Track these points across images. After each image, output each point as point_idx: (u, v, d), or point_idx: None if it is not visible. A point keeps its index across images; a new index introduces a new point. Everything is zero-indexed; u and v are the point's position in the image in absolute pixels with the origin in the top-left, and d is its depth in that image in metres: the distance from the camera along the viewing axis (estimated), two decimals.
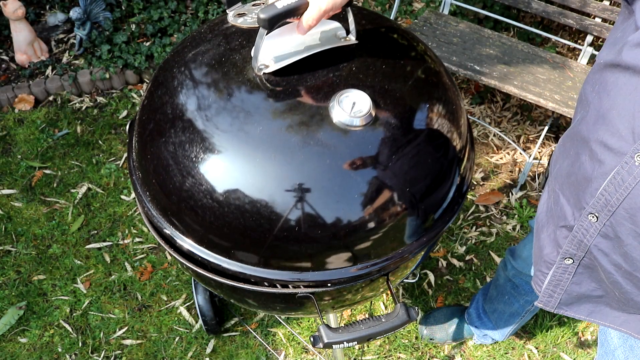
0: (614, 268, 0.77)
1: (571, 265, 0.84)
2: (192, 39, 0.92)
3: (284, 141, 0.77)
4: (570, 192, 0.80)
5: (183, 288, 1.83)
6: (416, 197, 0.83)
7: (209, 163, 0.78)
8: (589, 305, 0.89)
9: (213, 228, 0.82)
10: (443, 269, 1.89)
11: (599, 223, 0.74)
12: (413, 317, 0.85)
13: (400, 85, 0.85)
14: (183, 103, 0.84)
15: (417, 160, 0.82)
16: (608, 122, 0.70)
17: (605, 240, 0.75)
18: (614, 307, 0.87)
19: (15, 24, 2.40)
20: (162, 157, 0.84)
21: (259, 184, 0.77)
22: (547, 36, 2.25)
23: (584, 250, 0.80)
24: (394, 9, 2.28)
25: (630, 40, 0.68)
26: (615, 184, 0.70)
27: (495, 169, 2.20)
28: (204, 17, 2.62)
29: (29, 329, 1.74)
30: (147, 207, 0.90)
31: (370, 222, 0.80)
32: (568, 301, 0.90)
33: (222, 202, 0.78)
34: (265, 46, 0.81)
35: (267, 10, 0.75)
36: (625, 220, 0.71)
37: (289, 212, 0.77)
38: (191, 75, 0.86)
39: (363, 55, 0.86)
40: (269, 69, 0.81)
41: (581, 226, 0.78)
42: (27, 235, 1.96)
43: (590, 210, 0.75)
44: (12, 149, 2.24)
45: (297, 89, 0.81)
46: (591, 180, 0.74)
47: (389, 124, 0.80)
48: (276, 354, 1.68)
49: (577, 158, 0.78)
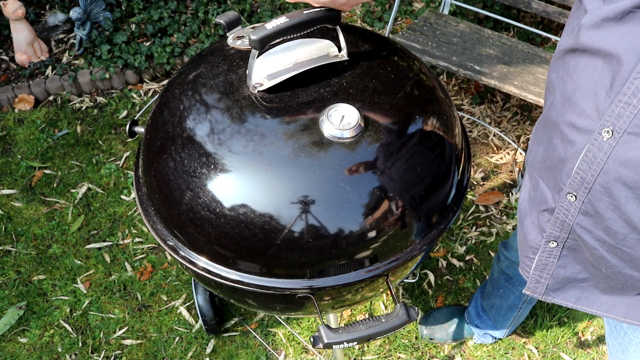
0: (598, 244, 0.79)
1: (555, 248, 0.86)
2: (194, 62, 0.97)
3: (278, 155, 0.80)
4: (548, 176, 0.82)
5: (183, 288, 1.83)
6: (408, 205, 0.85)
7: (213, 179, 0.82)
8: (575, 291, 0.91)
9: (216, 239, 0.84)
10: (443, 269, 1.89)
11: (578, 201, 0.77)
12: (413, 317, 0.85)
13: (389, 98, 0.88)
14: (184, 122, 0.88)
15: (408, 168, 0.85)
16: (574, 104, 0.73)
17: (586, 217, 0.78)
18: (601, 288, 0.88)
19: (15, 24, 2.40)
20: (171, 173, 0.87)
21: (255, 197, 0.80)
22: (547, 36, 2.25)
23: (567, 231, 0.82)
24: (394, 9, 2.28)
25: (583, 23, 0.71)
26: (587, 162, 0.72)
27: (495, 169, 2.21)
28: (204, 17, 2.62)
29: (29, 329, 1.74)
30: (151, 219, 0.91)
31: (363, 230, 0.82)
32: (555, 286, 0.92)
33: (220, 215, 0.82)
34: (258, 65, 0.85)
35: (258, 32, 0.80)
36: (602, 195, 0.73)
37: (282, 223, 0.80)
38: (192, 96, 0.90)
39: (354, 71, 0.90)
40: (262, 87, 0.85)
41: (562, 207, 0.80)
42: (27, 235, 1.96)
43: (568, 190, 0.77)
44: (12, 149, 2.24)
45: (290, 105, 0.85)
46: (565, 161, 0.76)
47: (377, 136, 0.83)
48: (276, 354, 1.68)
49: (549, 143, 0.81)
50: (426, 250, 0.93)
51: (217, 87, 0.89)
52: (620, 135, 0.68)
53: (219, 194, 0.81)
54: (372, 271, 0.87)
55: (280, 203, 0.80)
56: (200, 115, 0.87)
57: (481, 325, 1.63)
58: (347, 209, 0.81)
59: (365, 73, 0.90)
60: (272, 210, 0.80)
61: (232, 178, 0.81)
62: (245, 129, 0.83)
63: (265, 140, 0.81)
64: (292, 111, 0.84)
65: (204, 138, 0.84)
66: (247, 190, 0.81)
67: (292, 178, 0.80)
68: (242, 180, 0.81)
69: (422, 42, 2.09)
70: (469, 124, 2.38)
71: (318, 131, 0.81)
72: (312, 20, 0.84)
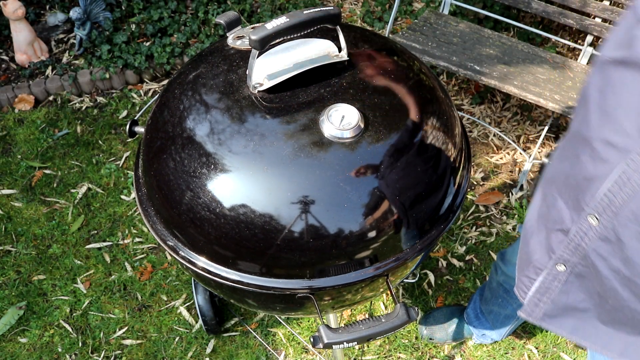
0: (612, 274, 0.74)
1: (563, 273, 0.81)
2: (194, 62, 0.97)
3: (278, 155, 0.80)
4: (569, 194, 0.77)
5: (183, 288, 1.83)
6: (408, 205, 0.85)
7: (212, 179, 0.82)
8: (573, 320, 0.86)
9: (216, 239, 0.84)
10: (443, 269, 1.89)
11: (600, 225, 0.72)
12: (413, 317, 0.85)
13: (389, 99, 0.88)
14: (184, 122, 0.88)
15: (408, 169, 0.84)
16: (613, 120, 0.68)
17: (605, 243, 0.73)
18: (602, 320, 0.83)
19: (15, 24, 2.40)
20: (169, 173, 0.87)
21: (254, 197, 0.80)
22: (547, 36, 2.24)
23: (580, 256, 0.77)
24: (394, 9, 2.28)
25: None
26: (620, 184, 0.67)
27: (495, 169, 2.20)
28: (204, 17, 2.62)
29: (29, 329, 1.74)
30: (151, 219, 0.91)
31: (362, 230, 0.82)
32: (553, 312, 0.87)
33: (220, 215, 0.82)
34: (258, 65, 0.85)
35: (258, 32, 0.80)
36: (630, 222, 0.68)
37: (282, 223, 0.80)
38: (192, 96, 0.90)
39: (354, 71, 0.90)
40: (263, 86, 0.85)
41: (579, 229, 0.75)
42: (27, 235, 1.96)
43: (590, 212, 0.72)
44: (12, 149, 2.24)
45: (290, 105, 0.85)
46: (592, 180, 0.71)
47: (378, 136, 0.83)
48: (276, 354, 1.68)
49: (577, 159, 0.76)
50: (426, 251, 0.93)
51: (217, 87, 0.89)
52: None
53: (219, 194, 0.81)
54: (372, 271, 0.87)
55: (280, 203, 0.80)
56: (200, 115, 0.87)
57: (479, 327, 1.63)
58: (347, 209, 0.81)
59: (365, 73, 0.90)
60: (272, 210, 0.80)
61: (232, 178, 0.81)
62: (245, 129, 0.83)
63: (265, 140, 0.81)
64: (292, 111, 0.84)
65: (204, 138, 0.84)
66: (247, 190, 0.81)
67: (292, 178, 0.80)
68: (241, 180, 0.81)
69: (422, 42, 2.09)
70: (469, 124, 2.38)
71: (318, 131, 0.81)
72: (312, 20, 0.84)
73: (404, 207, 0.84)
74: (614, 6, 2.05)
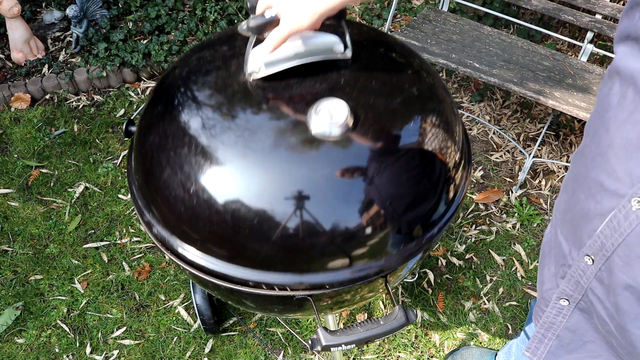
0: (608, 317, 0.70)
1: (566, 307, 0.77)
2: (201, 45, 0.97)
3: (263, 148, 0.79)
4: (567, 229, 0.74)
5: (181, 287, 1.82)
6: (408, 204, 0.83)
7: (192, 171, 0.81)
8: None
9: (210, 234, 0.83)
10: (442, 267, 1.88)
11: (595, 266, 0.69)
12: (411, 319, 0.84)
13: (388, 97, 0.86)
14: (174, 112, 0.86)
15: (407, 167, 0.83)
16: (606, 161, 0.64)
17: (600, 285, 0.69)
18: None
19: (11, 22, 2.39)
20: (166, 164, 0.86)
21: (245, 194, 0.79)
22: (547, 33, 2.23)
23: (581, 293, 0.74)
24: (393, 6, 2.26)
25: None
26: (611, 228, 0.64)
27: (495, 167, 2.19)
28: (202, 15, 2.61)
29: (26, 329, 1.73)
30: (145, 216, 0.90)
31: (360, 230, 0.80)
32: (558, 351, 0.82)
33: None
34: (256, 52, 0.83)
35: (257, 18, 0.80)
36: (617, 269, 0.65)
37: (268, 218, 0.78)
38: (187, 76, 0.89)
39: (356, 68, 0.88)
40: (258, 74, 0.84)
41: (578, 267, 0.72)
42: (24, 235, 1.95)
43: (586, 252, 0.69)
44: (8, 148, 2.23)
45: (282, 95, 0.83)
46: (589, 220, 0.68)
47: (372, 133, 0.81)
48: (275, 354, 1.67)
49: (573, 194, 0.73)
50: (425, 250, 0.92)
51: (215, 69, 0.88)
52: None
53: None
54: (370, 272, 0.86)
55: (273, 200, 0.78)
56: (188, 94, 0.86)
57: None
58: (345, 209, 0.79)
59: (366, 71, 0.88)
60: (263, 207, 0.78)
61: (212, 171, 0.80)
62: (231, 115, 0.82)
63: (248, 130, 0.80)
64: (282, 102, 0.83)
65: (196, 130, 0.82)
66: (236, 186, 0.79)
67: (282, 173, 0.78)
68: (223, 172, 0.80)
69: (421, 40, 2.08)
70: (469, 121, 2.37)
71: (305, 126, 0.79)
72: None
73: (403, 207, 0.83)
74: (614, 3, 2.03)
